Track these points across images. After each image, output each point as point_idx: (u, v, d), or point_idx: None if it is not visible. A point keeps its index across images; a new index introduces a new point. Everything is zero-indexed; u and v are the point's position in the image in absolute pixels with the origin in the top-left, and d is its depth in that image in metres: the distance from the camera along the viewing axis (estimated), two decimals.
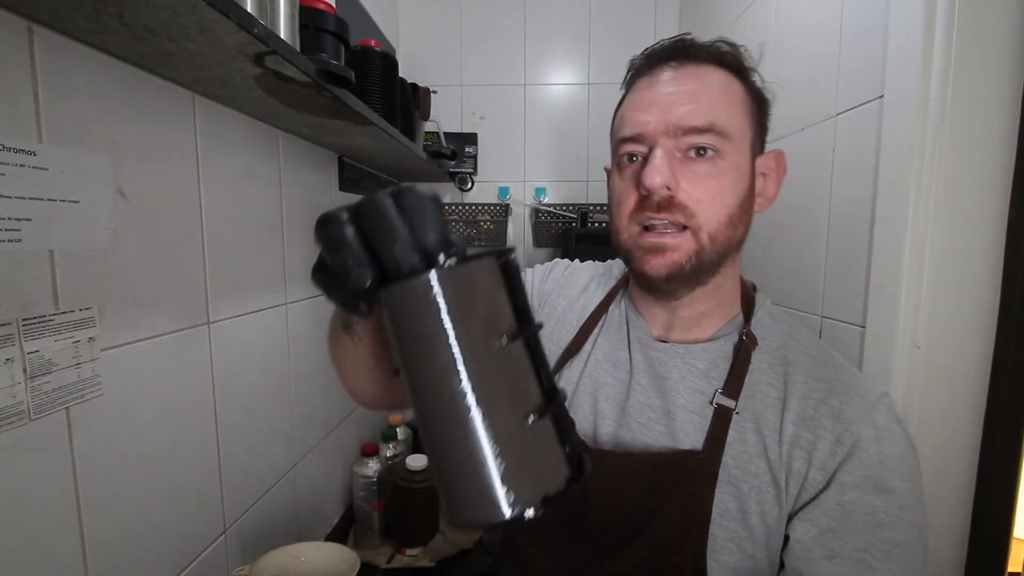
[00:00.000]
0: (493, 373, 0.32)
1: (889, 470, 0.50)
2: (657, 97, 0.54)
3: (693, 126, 0.52)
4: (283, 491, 0.99)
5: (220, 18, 0.48)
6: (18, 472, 0.49)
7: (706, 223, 0.53)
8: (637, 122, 0.55)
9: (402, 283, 0.32)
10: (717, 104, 0.53)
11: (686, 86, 0.54)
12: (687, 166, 0.53)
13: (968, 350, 0.70)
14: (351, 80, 0.74)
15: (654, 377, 0.59)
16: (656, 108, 0.54)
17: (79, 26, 0.51)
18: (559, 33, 1.75)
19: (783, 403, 0.54)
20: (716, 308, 0.60)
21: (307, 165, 1.08)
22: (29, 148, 0.49)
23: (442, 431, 0.32)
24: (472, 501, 0.32)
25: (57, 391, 0.52)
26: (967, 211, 0.68)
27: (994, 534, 0.70)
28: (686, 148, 0.53)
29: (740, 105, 0.55)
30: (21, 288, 0.49)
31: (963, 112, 0.67)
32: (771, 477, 0.52)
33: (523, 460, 0.32)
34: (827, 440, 0.51)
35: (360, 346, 0.48)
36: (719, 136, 0.52)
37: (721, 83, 0.55)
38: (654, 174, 0.52)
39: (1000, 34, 0.66)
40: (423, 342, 0.32)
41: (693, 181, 0.53)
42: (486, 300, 0.33)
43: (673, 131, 0.53)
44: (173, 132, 0.69)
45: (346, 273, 0.33)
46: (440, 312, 0.31)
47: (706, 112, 0.52)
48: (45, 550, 0.52)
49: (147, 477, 0.65)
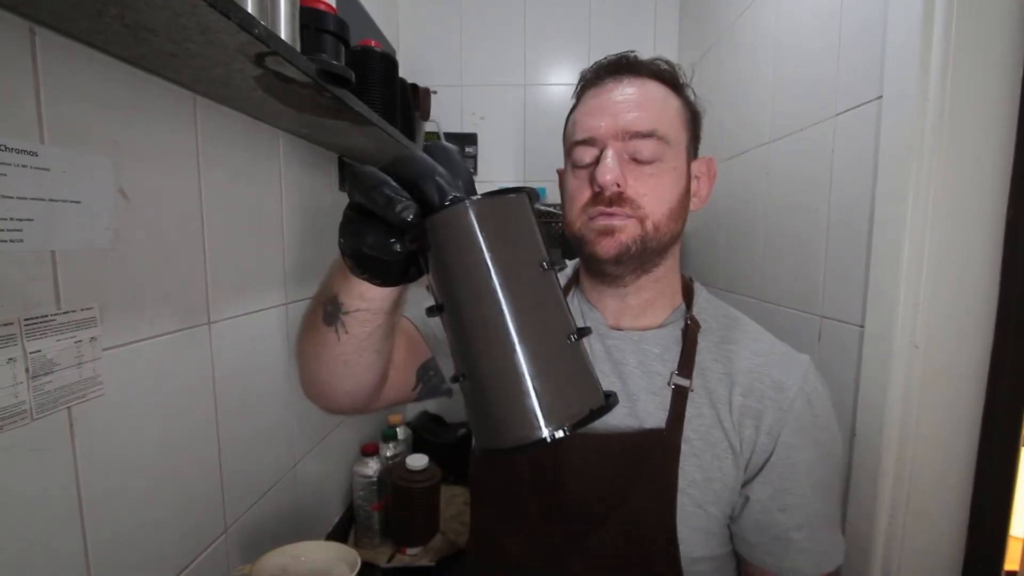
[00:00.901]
0: (537, 295, 0.34)
1: (818, 427, 0.60)
2: (606, 104, 0.61)
3: (638, 131, 0.59)
4: (283, 490, 0.99)
5: (221, 19, 0.48)
6: (20, 472, 0.49)
7: (651, 213, 0.60)
8: (589, 127, 0.61)
9: (451, 208, 0.34)
10: (658, 113, 0.60)
11: (631, 96, 0.61)
12: (633, 167, 0.60)
13: (966, 350, 0.70)
14: (351, 80, 0.74)
15: (613, 364, 0.64)
16: (606, 114, 0.61)
17: (80, 27, 0.51)
18: (559, 33, 1.75)
19: (730, 377, 0.62)
20: (660, 297, 0.66)
21: (307, 165, 1.08)
22: (31, 149, 0.49)
23: (489, 354, 0.33)
24: (512, 423, 0.33)
25: (59, 391, 0.52)
26: (966, 211, 0.68)
27: (992, 533, 0.70)
28: (632, 152, 0.60)
29: (677, 115, 0.63)
30: (23, 288, 0.49)
31: (962, 112, 0.67)
32: (727, 444, 0.60)
33: (567, 378, 0.34)
34: (771, 408, 0.59)
35: (345, 339, 0.50)
36: (660, 141, 0.59)
37: (660, 95, 0.62)
38: (606, 172, 0.58)
39: (999, 34, 0.66)
40: (471, 265, 0.33)
41: (639, 179, 0.60)
42: (524, 229, 0.36)
43: (621, 135, 0.59)
44: (174, 132, 0.69)
45: (390, 206, 0.34)
46: (488, 235, 0.33)
47: (650, 119, 0.59)
48: (47, 549, 0.52)
49: (148, 476, 0.65)
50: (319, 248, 1.14)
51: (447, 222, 0.34)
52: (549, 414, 0.32)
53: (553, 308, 0.35)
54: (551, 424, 0.32)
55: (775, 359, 0.62)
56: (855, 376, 0.80)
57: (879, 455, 0.73)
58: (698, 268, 1.56)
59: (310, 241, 1.09)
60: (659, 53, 0.67)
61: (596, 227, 0.61)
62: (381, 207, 0.34)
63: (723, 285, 1.35)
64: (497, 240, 0.34)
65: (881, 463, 0.73)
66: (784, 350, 0.64)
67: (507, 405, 0.33)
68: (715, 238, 1.42)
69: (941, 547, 0.73)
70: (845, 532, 0.81)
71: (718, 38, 1.42)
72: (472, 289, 0.34)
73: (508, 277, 0.33)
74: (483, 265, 0.33)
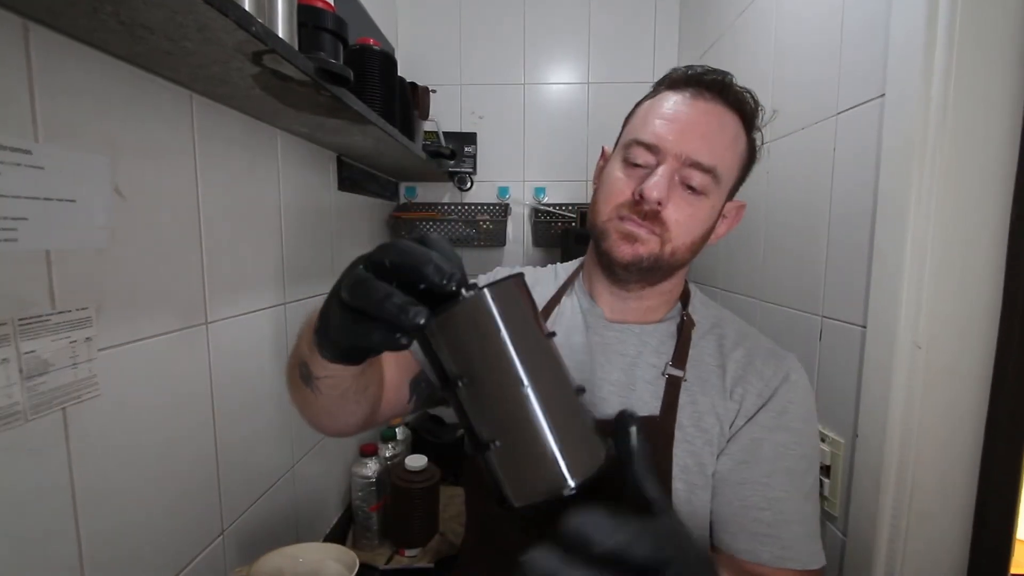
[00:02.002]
0: (550, 365, 0.40)
1: (792, 414, 0.61)
2: (682, 117, 0.61)
3: (700, 162, 0.60)
4: (281, 492, 0.98)
5: (218, 16, 0.48)
6: (15, 473, 0.49)
7: (675, 240, 0.62)
8: (657, 134, 0.61)
9: (470, 299, 0.38)
10: (725, 150, 0.61)
11: (708, 123, 0.61)
12: (679, 192, 0.61)
13: (969, 350, 0.69)
14: (350, 79, 0.74)
15: (613, 355, 0.67)
16: (676, 128, 0.60)
17: (76, 24, 0.50)
18: (559, 33, 1.75)
19: (722, 368, 0.64)
20: (663, 304, 0.70)
21: (306, 164, 1.07)
22: (25, 147, 0.49)
23: (512, 423, 0.38)
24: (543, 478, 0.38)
25: (54, 391, 0.52)
26: (969, 210, 0.68)
27: (996, 536, 0.70)
28: (684, 179, 0.60)
29: (739, 157, 0.64)
30: (17, 288, 0.49)
31: (965, 111, 0.66)
32: (720, 430, 0.62)
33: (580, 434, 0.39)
34: (752, 395, 0.62)
35: (321, 396, 0.54)
36: (714, 179, 0.61)
37: (734, 132, 0.62)
38: (653, 188, 0.59)
39: (1002, 33, 0.65)
40: (488, 348, 0.38)
41: (679, 206, 0.61)
42: (524, 309, 0.41)
43: (683, 158, 0.60)
44: (171, 131, 0.69)
45: (399, 316, 0.35)
46: (500, 321, 0.38)
47: (715, 155, 0.60)
48: (42, 551, 0.51)
49: (145, 477, 0.65)
50: (317, 248, 1.14)
51: (464, 311, 0.38)
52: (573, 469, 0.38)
53: (562, 374, 0.40)
54: (575, 478, 0.38)
55: (762, 352, 0.65)
56: (857, 377, 0.79)
57: (881, 456, 0.73)
58: (698, 268, 1.55)
59: (308, 240, 1.09)
60: (659, 53, 0.68)
61: (621, 229, 0.62)
62: (393, 316, 0.35)
63: (723, 285, 1.35)
64: (512, 323, 0.38)
65: (883, 464, 0.73)
66: (771, 346, 0.67)
67: (537, 466, 0.38)
68: None
69: (945, 549, 0.72)
70: (847, 533, 0.81)
71: (719, 37, 1.41)
72: (490, 368, 0.38)
73: (520, 352, 0.38)
74: (498, 346, 0.38)
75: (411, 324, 0.35)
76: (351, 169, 1.30)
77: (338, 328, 0.41)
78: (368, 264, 0.38)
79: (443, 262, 0.36)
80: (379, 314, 0.36)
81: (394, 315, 0.35)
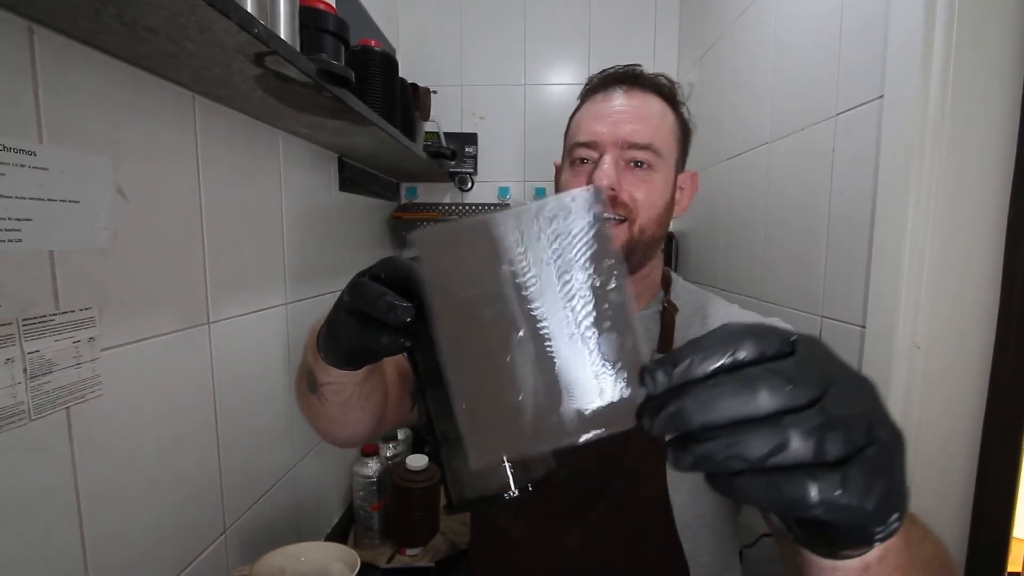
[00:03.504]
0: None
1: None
2: (610, 112, 0.66)
3: (636, 142, 0.64)
4: (283, 491, 0.99)
5: (220, 18, 0.48)
6: (18, 472, 0.49)
7: (640, 217, 0.65)
8: (592, 131, 0.66)
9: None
10: (656, 127, 0.66)
11: (633, 108, 0.66)
12: (628, 173, 0.65)
13: (968, 350, 0.70)
14: (351, 80, 0.74)
15: None
16: (608, 121, 0.66)
17: (79, 26, 0.51)
18: (559, 33, 1.75)
19: None
20: (645, 291, 0.72)
21: (307, 165, 1.08)
22: (29, 148, 0.49)
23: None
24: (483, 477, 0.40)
25: (57, 391, 0.52)
26: (967, 211, 0.68)
27: (994, 534, 0.70)
28: (628, 159, 0.65)
29: (671, 131, 0.68)
30: (22, 288, 0.49)
31: (963, 112, 0.67)
32: None
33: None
34: None
35: (327, 404, 0.59)
36: (654, 154, 0.65)
37: (659, 111, 0.68)
38: (603, 176, 0.63)
39: (1000, 34, 0.66)
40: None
41: (633, 184, 0.65)
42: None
43: (621, 143, 0.65)
44: (173, 132, 0.69)
45: (389, 313, 0.40)
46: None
47: (648, 133, 0.65)
48: (46, 550, 0.52)
49: (147, 477, 0.65)
50: (318, 248, 1.14)
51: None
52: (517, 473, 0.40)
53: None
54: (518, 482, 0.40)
55: (745, 318, 0.69)
56: None
57: None
58: (698, 268, 1.55)
59: (310, 241, 1.09)
60: (659, 53, 0.71)
61: None
62: (384, 312, 0.40)
63: (723, 285, 1.35)
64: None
65: None
66: (754, 316, 0.70)
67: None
68: (715, 238, 1.42)
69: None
70: None
71: (718, 37, 1.42)
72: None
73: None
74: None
75: (399, 320, 0.40)
76: (352, 170, 1.31)
77: (345, 331, 0.46)
78: (367, 274, 0.44)
79: None
80: (372, 311, 0.41)
81: (385, 312, 0.40)
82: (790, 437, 0.23)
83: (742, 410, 0.24)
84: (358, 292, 0.43)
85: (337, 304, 0.48)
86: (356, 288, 0.43)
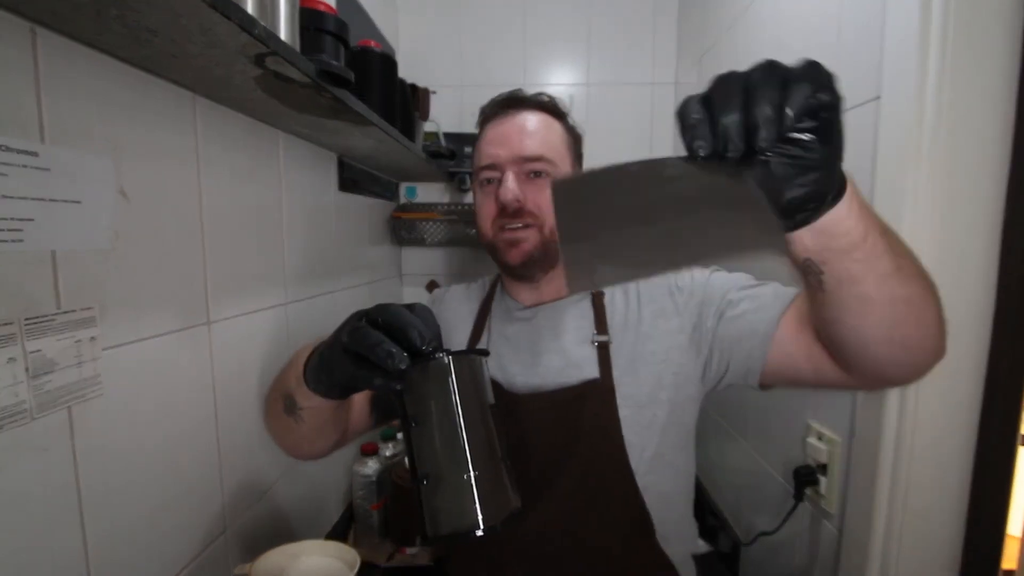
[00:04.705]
0: (480, 426, 0.49)
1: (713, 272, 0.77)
2: (503, 135, 0.75)
3: (530, 155, 0.73)
4: (283, 490, 0.99)
5: (221, 20, 0.48)
6: (20, 471, 0.49)
7: (546, 221, 0.73)
8: (491, 154, 0.75)
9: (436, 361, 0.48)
10: (544, 139, 0.74)
11: (521, 125, 0.75)
12: (529, 184, 0.74)
13: (964, 348, 0.70)
14: (351, 81, 0.74)
15: (548, 329, 0.78)
16: (503, 143, 0.74)
17: (81, 28, 0.51)
18: (559, 33, 1.75)
19: (638, 311, 0.76)
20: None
21: (307, 166, 1.08)
22: (31, 149, 0.49)
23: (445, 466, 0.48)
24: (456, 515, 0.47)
25: (59, 390, 0.53)
26: (963, 211, 0.69)
27: (988, 532, 0.71)
28: (527, 171, 0.73)
29: (561, 139, 0.77)
30: (23, 288, 0.49)
31: (960, 113, 0.67)
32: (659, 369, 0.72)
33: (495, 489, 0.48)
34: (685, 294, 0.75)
35: (303, 425, 0.65)
36: (548, 162, 0.73)
37: (546, 124, 0.76)
38: (507, 192, 0.72)
39: (996, 35, 0.66)
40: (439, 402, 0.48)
41: (535, 193, 0.73)
42: (477, 380, 0.51)
43: (517, 159, 0.73)
44: (174, 133, 0.69)
45: (387, 360, 0.45)
46: (455, 385, 0.48)
47: (538, 145, 0.73)
48: (47, 549, 0.52)
49: (148, 476, 0.65)
50: (319, 248, 1.15)
51: (433, 371, 0.49)
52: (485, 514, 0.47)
53: (493, 438, 0.50)
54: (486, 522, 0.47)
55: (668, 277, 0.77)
56: None
57: (876, 453, 0.74)
58: None
59: (310, 241, 1.10)
60: (658, 55, 0.74)
61: (504, 239, 0.75)
62: (382, 359, 0.45)
63: None
64: (464, 389, 0.49)
65: (878, 461, 0.73)
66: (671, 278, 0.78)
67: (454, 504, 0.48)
68: None
69: (939, 546, 0.73)
70: (843, 529, 0.82)
71: (717, 39, 1.42)
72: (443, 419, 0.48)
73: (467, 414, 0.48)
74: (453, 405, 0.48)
75: (395, 368, 0.45)
76: (352, 170, 1.31)
77: (340, 369, 0.51)
78: (366, 319, 0.48)
79: (424, 329, 0.47)
80: (371, 356, 0.46)
81: (383, 359, 0.45)
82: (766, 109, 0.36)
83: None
84: (358, 337, 0.47)
85: (334, 342, 0.52)
86: (356, 333, 0.47)
